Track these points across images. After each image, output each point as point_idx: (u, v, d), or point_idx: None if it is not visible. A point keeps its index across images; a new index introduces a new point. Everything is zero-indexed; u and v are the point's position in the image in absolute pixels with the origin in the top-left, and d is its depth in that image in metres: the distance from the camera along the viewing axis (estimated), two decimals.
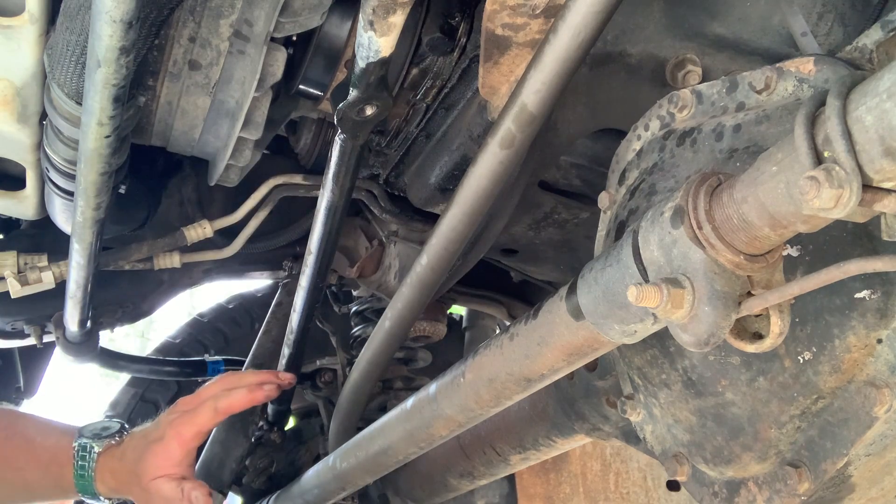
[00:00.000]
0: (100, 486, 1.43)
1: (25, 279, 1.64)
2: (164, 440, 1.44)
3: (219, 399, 1.48)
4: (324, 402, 2.46)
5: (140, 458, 1.43)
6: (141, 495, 1.43)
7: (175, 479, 1.41)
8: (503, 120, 0.96)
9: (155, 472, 1.41)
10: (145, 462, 1.42)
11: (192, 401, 1.48)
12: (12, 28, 1.12)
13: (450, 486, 1.61)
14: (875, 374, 0.69)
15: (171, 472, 1.42)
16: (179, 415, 1.46)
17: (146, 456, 1.43)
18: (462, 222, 1.10)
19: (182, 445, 1.43)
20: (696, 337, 0.64)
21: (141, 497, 1.44)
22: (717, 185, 0.63)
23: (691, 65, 1.03)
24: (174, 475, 1.42)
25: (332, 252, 1.47)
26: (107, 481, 1.43)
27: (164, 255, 1.80)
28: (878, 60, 0.68)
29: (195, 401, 1.48)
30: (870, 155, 0.50)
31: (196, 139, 1.45)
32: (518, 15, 1.01)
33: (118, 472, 1.44)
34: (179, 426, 1.44)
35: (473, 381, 0.98)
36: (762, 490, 0.79)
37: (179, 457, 1.43)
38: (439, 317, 2.20)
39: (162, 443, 1.43)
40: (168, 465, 1.42)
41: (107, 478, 1.43)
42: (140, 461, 1.43)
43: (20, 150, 1.35)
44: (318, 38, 1.37)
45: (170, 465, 1.42)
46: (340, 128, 1.16)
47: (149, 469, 1.41)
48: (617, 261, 0.70)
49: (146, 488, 1.41)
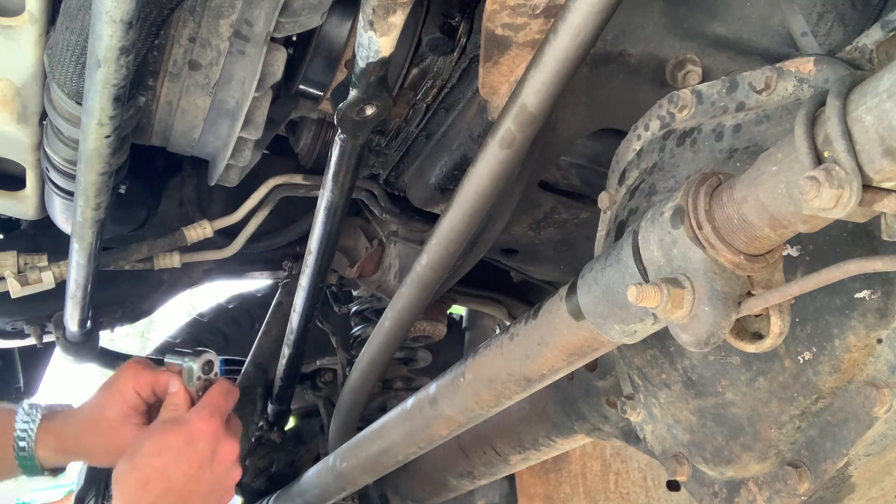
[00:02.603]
0: (41, 451, 1.31)
1: (25, 279, 1.64)
2: (117, 382, 1.36)
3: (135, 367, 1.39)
4: (324, 402, 2.46)
5: (93, 406, 1.35)
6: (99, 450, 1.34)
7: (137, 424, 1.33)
8: (503, 120, 0.96)
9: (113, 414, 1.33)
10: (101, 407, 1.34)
11: None
12: (12, 28, 1.12)
13: (450, 486, 1.61)
14: (875, 374, 0.69)
15: (131, 415, 1.34)
16: None
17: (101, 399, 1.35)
18: (462, 222, 1.10)
19: (135, 386, 1.34)
20: (696, 337, 0.64)
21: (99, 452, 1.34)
22: (717, 185, 0.63)
23: (691, 65, 1.03)
24: (134, 419, 1.33)
25: (332, 252, 1.47)
26: (50, 443, 1.32)
27: (164, 255, 1.80)
28: (878, 60, 0.68)
29: None
30: (870, 155, 0.50)
31: (196, 139, 1.45)
32: (518, 15, 1.01)
33: (63, 433, 1.33)
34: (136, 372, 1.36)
35: (473, 381, 0.98)
36: (762, 490, 0.79)
37: (133, 397, 1.34)
38: (439, 317, 2.20)
39: (116, 385, 1.36)
40: (125, 407, 1.33)
41: (50, 440, 1.31)
42: (94, 409, 1.34)
43: (20, 150, 1.35)
44: (318, 38, 1.37)
45: (127, 407, 1.33)
46: (340, 128, 1.16)
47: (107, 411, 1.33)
48: (617, 261, 0.70)
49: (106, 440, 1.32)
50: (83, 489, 2.88)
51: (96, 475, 2.89)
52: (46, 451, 1.32)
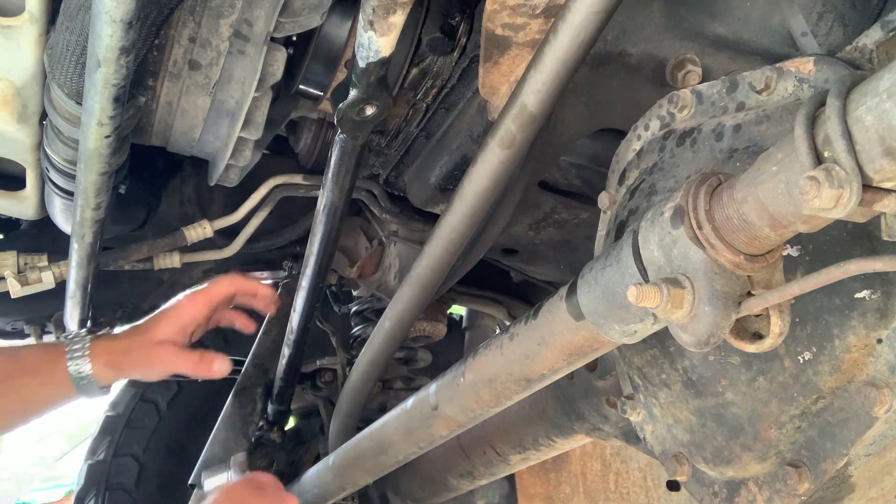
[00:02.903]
0: (95, 368, 1.36)
1: (25, 279, 1.64)
2: (177, 304, 1.45)
3: (235, 276, 1.50)
4: (324, 402, 2.46)
5: (145, 327, 1.43)
6: (142, 364, 1.41)
7: (179, 346, 1.41)
8: (503, 120, 0.96)
9: (162, 335, 1.41)
10: (153, 326, 1.42)
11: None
12: (12, 28, 1.12)
13: (450, 486, 1.61)
14: (875, 374, 0.69)
15: (176, 338, 1.41)
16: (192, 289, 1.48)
17: (155, 319, 1.43)
18: (462, 222, 1.10)
19: (194, 307, 1.44)
20: (696, 337, 0.64)
21: (142, 366, 1.41)
22: (717, 185, 0.63)
23: (691, 65, 1.03)
24: (179, 341, 1.42)
25: (332, 252, 1.47)
26: (102, 358, 1.37)
27: (164, 255, 1.80)
28: (878, 60, 0.68)
29: None
30: (870, 155, 0.50)
31: (196, 139, 1.45)
32: (518, 15, 1.01)
33: (115, 349, 1.40)
34: (193, 293, 1.46)
35: (473, 381, 0.98)
36: (762, 490, 0.79)
37: (188, 321, 1.43)
38: (439, 317, 2.20)
39: (175, 306, 1.45)
40: (175, 329, 1.41)
41: (102, 356, 1.37)
42: (145, 330, 1.42)
43: (20, 150, 1.35)
44: (318, 38, 1.37)
45: (177, 329, 1.42)
46: (340, 128, 1.15)
47: (157, 332, 1.41)
48: (617, 261, 0.70)
49: (149, 354, 1.39)
50: (83, 489, 2.89)
51: (96, 475, 2.90)
52: (99, 367, 1.37)
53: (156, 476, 2.92)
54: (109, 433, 2.94)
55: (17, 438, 12.43)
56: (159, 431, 2.97)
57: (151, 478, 2.92)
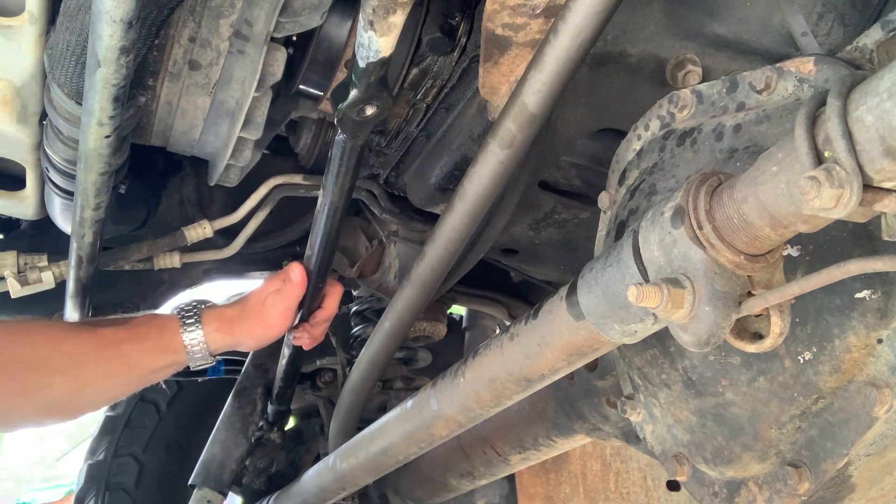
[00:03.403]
0: (207, 335, 1.41)
1: (25, 279, 1.63)
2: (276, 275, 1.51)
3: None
4: (324, 402, 2.47)
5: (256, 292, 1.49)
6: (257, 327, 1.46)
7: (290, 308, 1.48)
8: (503, 120, 0.96)
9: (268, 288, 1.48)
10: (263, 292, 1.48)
11: None
12: (12, 28, 1.12)
13: (450, 486, 1.61)
14: (875, 374, 0.69)
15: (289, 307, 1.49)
16: None
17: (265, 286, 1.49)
18: (462, 222, 1.10)
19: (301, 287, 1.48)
20: (696, 337, 0.64)
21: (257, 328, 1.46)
22: (717, 185, 0.63)
23: (691, 65, 1.03)
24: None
25: (332, 252, 1.47)
26: (213, 325, 1.42)
27: (164, 255, 1.80)
28: (878, 60, 0.68)
29: None
30: (870, 155, 0.50)
31: (196, 139, 1.45)
32: (518, 15, 1.01)
33: (227, 317, 1.45)
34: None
35: (473, 381, 0.98)
36: (762, 490, 0.79)
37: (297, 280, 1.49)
38: (439, 317, 2.20)
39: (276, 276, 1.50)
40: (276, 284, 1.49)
41: (214, 323, 1.42)
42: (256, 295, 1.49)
43: (20, 150, 1.35)
44: (318, 38, 1.37)
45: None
46: (340, 128, 1.15)
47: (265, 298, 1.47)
48: (617, 261, 0.70)
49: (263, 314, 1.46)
50: (83, 489, 2.89)
51: (96, 475, 2.90)
52: (211, 334, 1.41)
53: (156, 476, 2.92)
54: (109, 433, 2.95)
55: (17, 438, 12.43)
56: (159, 431, 2.97)
57: (151, 478, 2.92)
